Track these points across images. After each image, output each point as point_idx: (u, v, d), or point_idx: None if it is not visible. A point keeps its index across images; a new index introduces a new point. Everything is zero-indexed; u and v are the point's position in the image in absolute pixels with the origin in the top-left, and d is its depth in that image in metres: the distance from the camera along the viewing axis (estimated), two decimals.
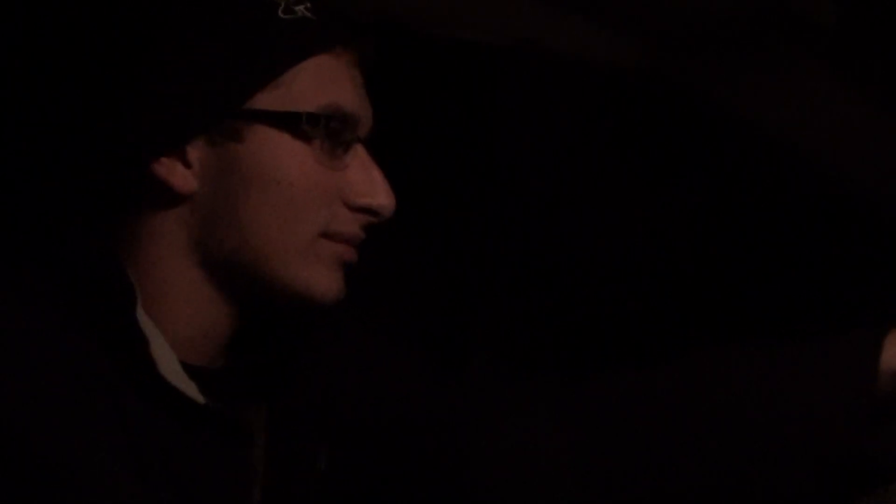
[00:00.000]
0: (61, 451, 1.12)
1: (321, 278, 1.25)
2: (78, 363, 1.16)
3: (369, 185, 1.25)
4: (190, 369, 1.23)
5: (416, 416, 1.37)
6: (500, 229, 1.90)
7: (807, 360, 1.26)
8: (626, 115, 1.86)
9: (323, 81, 1.24)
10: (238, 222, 1.23)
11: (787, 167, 1.81)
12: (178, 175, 1.23)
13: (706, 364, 1.32)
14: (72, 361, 1.15)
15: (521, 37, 1.69)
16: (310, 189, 1.23)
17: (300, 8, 1.25)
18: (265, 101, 1.23)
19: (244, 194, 1.23)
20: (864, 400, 1.22)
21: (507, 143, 1.90)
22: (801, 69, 1.66)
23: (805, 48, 1.63)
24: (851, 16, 1.57)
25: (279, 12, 1.24)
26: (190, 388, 1.22)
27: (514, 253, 1.91)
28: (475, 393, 1.39)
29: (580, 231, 1.90)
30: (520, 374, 1.55)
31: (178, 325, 1.24)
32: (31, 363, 1.14)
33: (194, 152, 1.23)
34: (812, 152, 1.77)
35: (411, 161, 1.84)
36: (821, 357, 1.26)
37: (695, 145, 1.88)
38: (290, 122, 1.23)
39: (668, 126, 1.87)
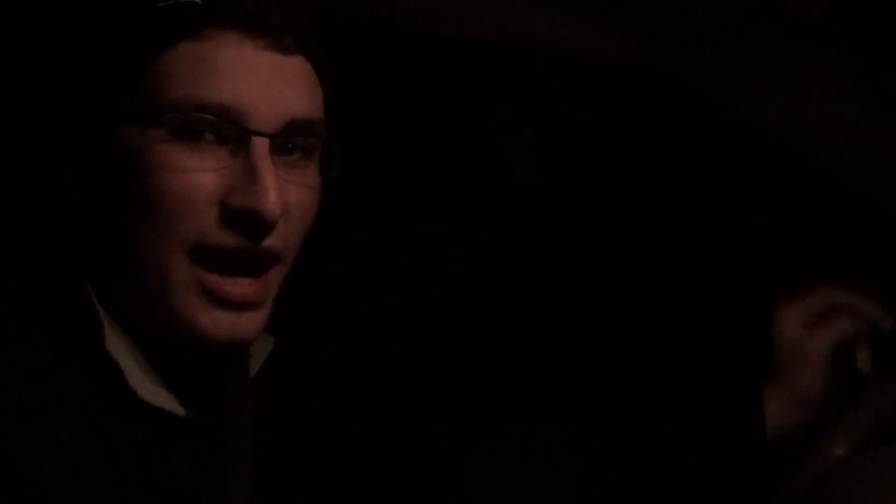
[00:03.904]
0: (37, 469, 1.08)
1: (194, 315, 1.12)
2: (55, 385, 1.12)
3: (246, 184, 1.10)
4: (170, 377, 1.19)
5: (403, 422, 1.36)
6: (493, 226, 1.90)
7: (699, 434, 1.34)
8: (618, 111, 1.86)
9: (181, 73, 1.10)
10: (119, 241, 1.14)
11: (781, 161, 1.81)
12: (72, 188, 1.15)
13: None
14: (47, 383, 1.11)
15: (514, 33, 1.69)
16: (166, 200, 1.10)
17: None
18: (127, 103, 1.12)
19: (120, 210, 1.13)
20: (758, 452, 1.32)
21: (500, 140, 1.90)
22: (792, 62, 1.66)
23: (796, 41, 1.63)
24: (842, 8, 1.57)
25: (157, 2, 1.11)
26: (168, 402, 1.17)
27: (508, 249, 1.91)
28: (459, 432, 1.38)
29: (575, 228, 1.90)
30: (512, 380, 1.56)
31: (148, 337, 1.18)
32: (7, 385, 1.09)
33: (81, 165, 1.14)
34: (806, 145, 1.77)
35: (403, 158, 1.85)
36: (710, 426, 1.35)
37: (688, 140, 1.89)
38: (140, 125, 1.11)
39: (661, 121, 1.87)
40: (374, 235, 1.84)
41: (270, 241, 1.13)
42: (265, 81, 1.11)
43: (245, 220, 1.11)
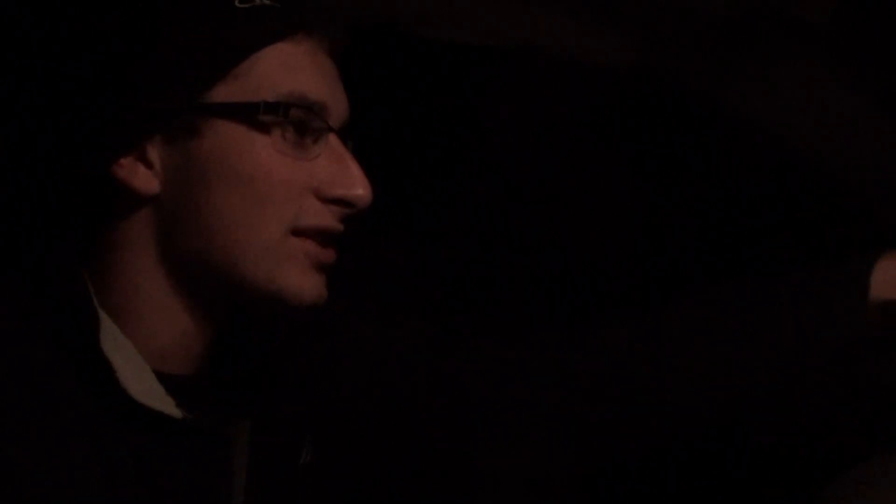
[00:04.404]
0: (30, 473, 1.09)
1: (294, 279, 1.20)
2: (47, 386, 1.12)
3: (342, 175, 1.21)
4: (168, 379, 1.20)
5: (405, 408, 1.34)
6: (493, 228, 1.90)
7: (800, 294, 1.28)
8: (619, 113, 1.86)
9: (283, 70, 1.20)
10: (203, 223, 1.19)
11: (781, 161, 1.81)
12: (140, 176, 1.18)
13: (707, 304, 1.34)
14: (41, 385, 1.12)
15: (515, 38, 1.69)
16: (274, 183, 1.19)
17: None
18: (222, 93, 1.19)
19: (207, 193, 1.18)
20: (855, 329, 1.24)
21: (500, 143, 1.90)
22: (794, 66, 1.67)
23: (799, 45, 1.63)
24: (845, 12, 1.58)
25: (235, 2, 1.20)
26: (165, 405, 1.19)
27: (509, 251, 1.91)
28: (466, 381, 1.37)
29: (575, 229, 1.90)
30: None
31: (152, 336, 1.20)
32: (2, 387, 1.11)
33: (154, 151, 1.19)
34: (806, 145, 1.77)
35: (404, 161, 1.85)
36: (813, 291, 1.27)
37: (688, 142, 1.89)
38: (249, 114, 1.18)
39: (661, 123, 1.87)
40: (374, 235, 1.84)
41: None
42: (335, 82, 1.23)
43: (341, 206, 1.21)
